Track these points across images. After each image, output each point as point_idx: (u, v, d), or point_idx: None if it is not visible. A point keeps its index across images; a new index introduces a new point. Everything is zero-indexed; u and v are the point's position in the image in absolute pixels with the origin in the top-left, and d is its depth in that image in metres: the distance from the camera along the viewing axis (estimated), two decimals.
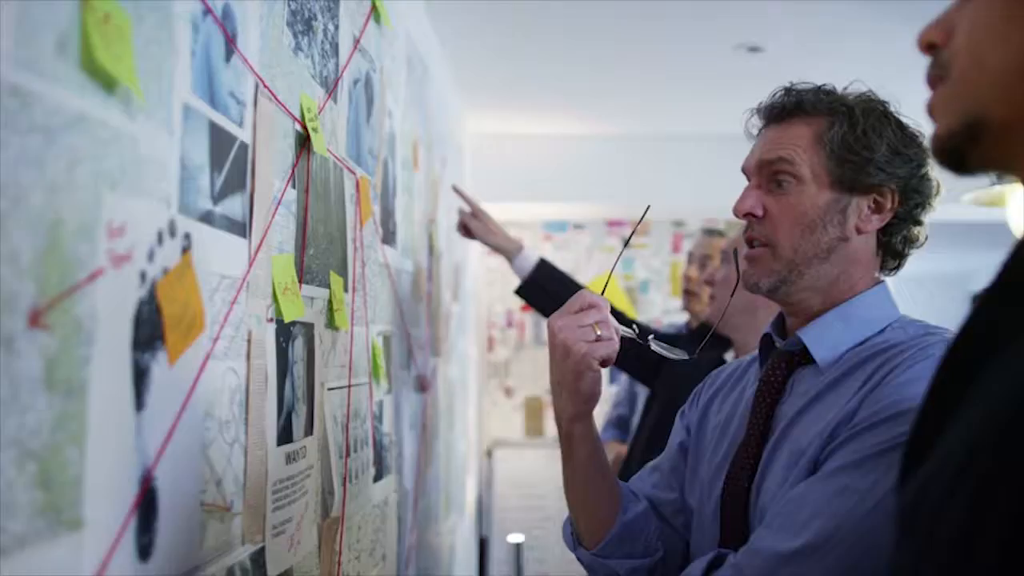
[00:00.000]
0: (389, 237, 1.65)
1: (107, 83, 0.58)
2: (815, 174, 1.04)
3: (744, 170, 1.11)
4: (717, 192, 3.97)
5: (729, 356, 2.02)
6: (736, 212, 1.08)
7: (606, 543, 1.13)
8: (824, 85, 1.09)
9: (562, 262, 4.77)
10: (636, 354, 2.33)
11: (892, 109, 1.06)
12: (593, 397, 1.09)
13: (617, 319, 1.10)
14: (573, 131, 3.99)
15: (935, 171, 1.05)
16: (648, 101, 3.53)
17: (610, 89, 3.35)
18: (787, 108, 1.08)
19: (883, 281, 1.10)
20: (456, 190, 2.28)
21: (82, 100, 0.56)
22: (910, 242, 1.08)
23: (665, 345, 1.18)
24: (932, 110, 0.57)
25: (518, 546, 4.01)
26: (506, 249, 2.26)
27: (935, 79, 0.56)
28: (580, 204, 4.28)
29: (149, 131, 0.65)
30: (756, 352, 1.20)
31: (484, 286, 4.65)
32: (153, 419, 0.65)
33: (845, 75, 1.15)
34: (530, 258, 2.25)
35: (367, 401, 1.42)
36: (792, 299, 1.07)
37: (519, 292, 2.24)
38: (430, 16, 2.41)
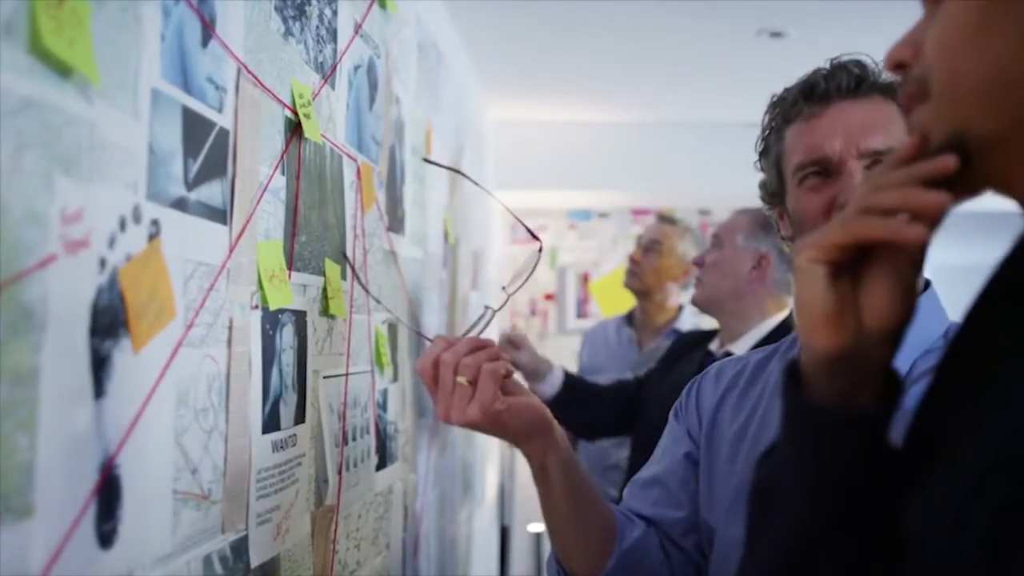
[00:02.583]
0: (396, 224, 1.64)
1: (60, 68, 0.58)
2: None
3: (831, 154, 0.96)
4: (743, 179, 3.93)
5: (713, 345, 1.99)
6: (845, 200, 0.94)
7: (608, 574, 1.01)
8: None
9: (587, 251, 4.76)
10: (608, 405, 2.27)
11: None
12: (533, 426, 0.97)
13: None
14: (597, 118, 3.95)
15: None
16: (672, 88, 3.49)
17: (634, 76, 3.32)
18: (868, 82, 0.97)
19: (930, 281, 1.00)
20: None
21: (31, 85, 0.55)
22: None
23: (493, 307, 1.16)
24: (914, 131, 0.54)
25: (539, 535, 4.01)
26: (540, 372, 2.21)
27: (911, 97, 0.53)
28: (605, 192, 4.25)
29: (111, 116, 0.64)
30: (767, 348, 1.12)
31: (507, 274, 4.64)
32: (115, 406, 0.65)
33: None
34: (556, 377, 2.22)
35: (369, 389, 1.42)
36: None
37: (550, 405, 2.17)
38: (446, 1, 2.39)
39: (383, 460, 1.51)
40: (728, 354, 1.87)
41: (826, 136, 0.97)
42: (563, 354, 4.76)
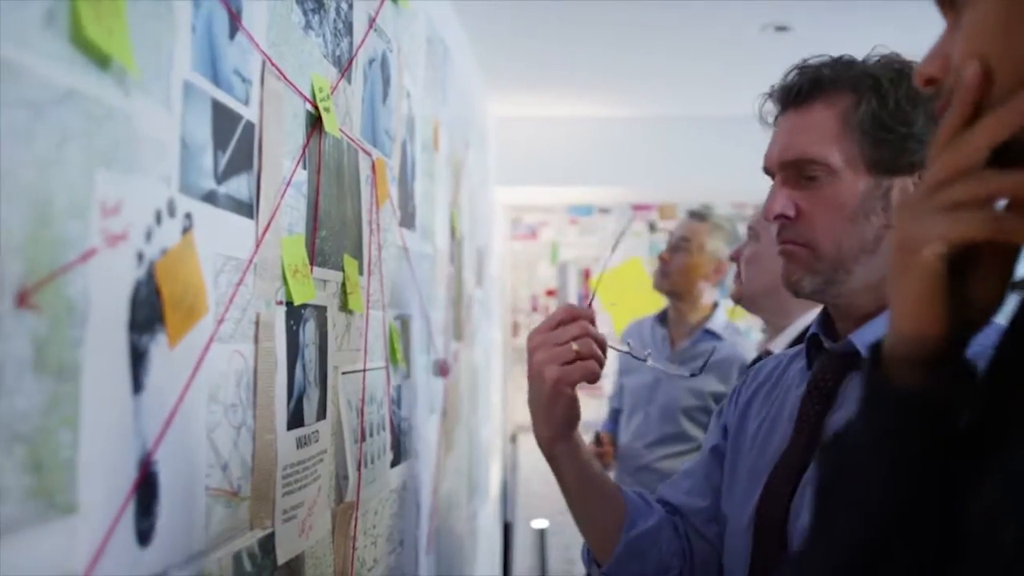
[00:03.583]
0: (408, 220, 1.63)
1: (99, 59, 0.57)
2: (849, 160, 0.94)
3: (766, 168, 1.02)
4: (744, 174, 3.93)
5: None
6: (767, 215, 0.99)
7: (613, 561, 1.06)
8: (842, 56, 0.98)
9: (588, 246, 4.76)
10: None
11: None
12: (570, 422, 1.02)
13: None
14: (598, 114, 3.95)
15: None
16: (675, 83, 3.48)
17: (636, 71, 3.31)
18: (804, 89, 0.97)
19: None
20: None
21: (72, 75, 0.54)
22: None
23: (664, 363, 1.14)
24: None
25: (542, 531, 4.01)
26: None
27: (947, 108, 0.53)
28: (606, 188, 4.25)
29: (146, 109, 0.64)
30: (798, 347, 1.14)
31: (509, 270, 4.64)
32: (152, 402, 0.64)
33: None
34: None
35: (384, 385, 1.41)
36: (840, 301, 0.97)
37: None
38: None
39: (397, 457, 1.50)
40: (768, 353, 1.78)
41: (769, 149, 1.02)
42: None
